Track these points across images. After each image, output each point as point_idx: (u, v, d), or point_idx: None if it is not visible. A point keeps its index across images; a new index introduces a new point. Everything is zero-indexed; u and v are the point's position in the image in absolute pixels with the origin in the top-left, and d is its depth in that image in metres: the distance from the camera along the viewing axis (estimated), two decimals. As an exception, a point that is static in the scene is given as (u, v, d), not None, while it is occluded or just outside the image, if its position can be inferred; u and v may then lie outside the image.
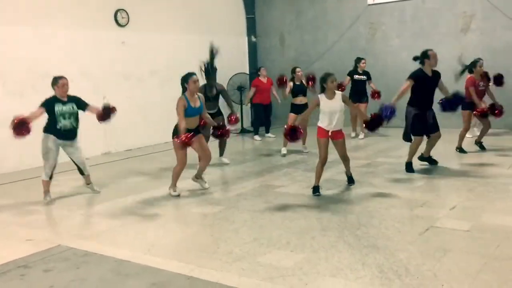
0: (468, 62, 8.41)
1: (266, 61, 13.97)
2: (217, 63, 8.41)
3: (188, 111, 6.20)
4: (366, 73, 10.72)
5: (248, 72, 13.65)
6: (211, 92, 8.12)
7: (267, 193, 6.42)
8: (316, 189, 6.16)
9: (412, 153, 7.14)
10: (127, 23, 10.65)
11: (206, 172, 6.98)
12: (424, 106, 6.93)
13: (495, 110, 8.05)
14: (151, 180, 7.63)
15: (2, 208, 6.28)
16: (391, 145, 9.65)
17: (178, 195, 6.38)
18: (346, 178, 6.63)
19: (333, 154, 8.71)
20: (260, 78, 11.45)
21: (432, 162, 7.40)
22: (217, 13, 13.03)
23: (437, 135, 7.09)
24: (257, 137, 11.48)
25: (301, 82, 9.16)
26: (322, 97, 6.02)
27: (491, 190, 6.06)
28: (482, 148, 8.47)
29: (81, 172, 6.68)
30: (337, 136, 6.13)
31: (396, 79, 11.78)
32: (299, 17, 13.67)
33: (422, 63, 6.88)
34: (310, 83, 9.00)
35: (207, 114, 6.74)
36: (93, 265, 4.24)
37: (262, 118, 11.68)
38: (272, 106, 11.66)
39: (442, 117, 7.40)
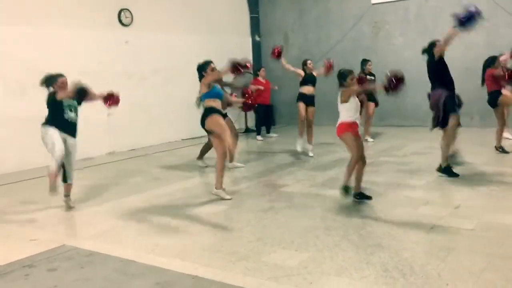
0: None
1: (270, 61, 13.94)
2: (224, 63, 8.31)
3: (213, 91, 6.14)
4: (372, 74, 10.66)
5: (252, 72, 13.64)
6: None
7: (270, 192, 6.43)
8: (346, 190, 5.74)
9: (450, 144, 6.67)
10: (131, 23, 10.68)
11: (210, 171, 6.97)
12: (452, 86, 6.68)
13: None
14: (154, 180, 7.65)
15: (5, 208, 6.31)
16: (394, 144, 9.64)
17: (231, 198, 6.10)
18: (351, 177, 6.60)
19: (338, 153, 8.75)
20: (259, 78, 11.46)
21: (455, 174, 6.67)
22: (221, 13, 13.05)
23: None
24: (259, 137, 11.50)
25: (311, 73, 9.16)
26: None
27: (494, 188, 6.05)
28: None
29: (65, 178, 6.04)
30: (357, 133, 5.75)
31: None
32: (303, 16, 13.66)
33: (430, 53, 6.78)
34: (328, 69, 8.79)
35: (230, 97, 6.83)
36: (98, 265, 4.25)
37: (262, 118, 11.71)
38: (273, 106, 11.70)
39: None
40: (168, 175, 7.99)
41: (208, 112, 6.08)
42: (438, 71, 6.68)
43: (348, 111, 5.68)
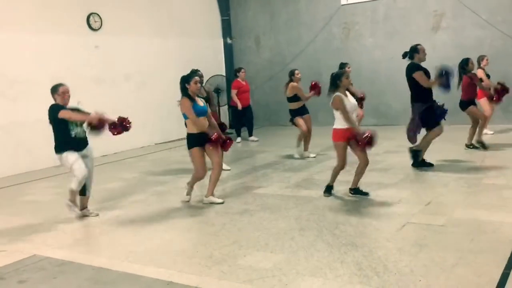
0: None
1: (241, 62, 13.98)
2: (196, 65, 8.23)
3: (195, 110, 5.81)
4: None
5: (224, 74, 13.64)
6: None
7: (246, 195, 6.42)
8: (328, 190, 6.06)
9: (427, 145, 7.05)
10: (100, 27, 10.54)
11: (183, 175, 6.92)
12: (430, 97, 6.86)
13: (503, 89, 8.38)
14: (127, 186, 7.55)
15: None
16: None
17: (222, 202, 6.02)
18: (325, 178, 6.66)
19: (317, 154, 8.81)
20: (239, 79, 11.35)
21: (428, 165, 7.17)
22: (192, 16, 13.01)
23: (439, 129, 6.95)
24: (238, 139, 11.34)
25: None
26: (342, 96, 5.69)
27: (463, 185, 6.18)
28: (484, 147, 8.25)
29: (83, 191, 5.79)
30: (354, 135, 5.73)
31: (371, 78, 11.98)
32: (273, 18, 13.73)
33: (411, 57, 6.90)
34: (314, 90, 8.52)
35: (213, 120, 6.21)
36: (70, 274, 4.18)
37: (242, 120, 11.55)
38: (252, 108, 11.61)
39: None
40: (140, 180, 7.91)
41: (189, 140, 5.88)
42: (415, 85, 6.82)
43: (341, 118, 5.68)
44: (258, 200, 6.10)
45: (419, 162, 7.13)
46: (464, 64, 8.17)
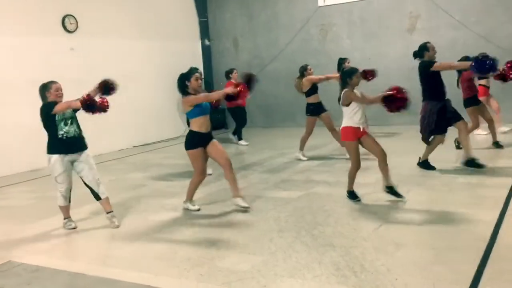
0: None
1: (220, 65, 13.97)
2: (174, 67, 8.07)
3: (198, 108, 5.47)
4: None
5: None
6: None
7: (224, 197, 6.40)
8: (352, 195, 5.76)
9: (431, 150, 6.96)
10: (76, 29, 10.41)
11: (159, 178, 6.86)
12: (443, 96, 6.80)
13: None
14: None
15: None
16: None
17: (199, 209, 5.80)
18: (303, 179, 6.69)
19: (290, 155, 8.84)
20: (232, 81, 11.14)
21: (431, 167, 7.03)
22: (170, 17, 12.95)
23: (461, 123, 6.86)
24: (242, 142, 10.93)
25: None
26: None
27: (439, 183, 6.28)
28: (499, 146, 8.22)
29: (95, 196, 5.52)
30: (365, 132, 5.54)
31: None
32: (251, 20, 13.75)
33: (422, 56, 6.81)
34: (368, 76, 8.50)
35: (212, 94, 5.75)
36: (46, 280, 4.11)
37: (241, 121, 11.15)
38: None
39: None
40: (117, 184, 7.83)
41: (190, 139, 5.56)
42: (430, 79, 6.73)
43: (352, 114, 5.45)
44: (237, 202, 6.08)
45: (423, 163, 7.09)
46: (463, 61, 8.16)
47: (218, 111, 11.29)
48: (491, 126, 8.25)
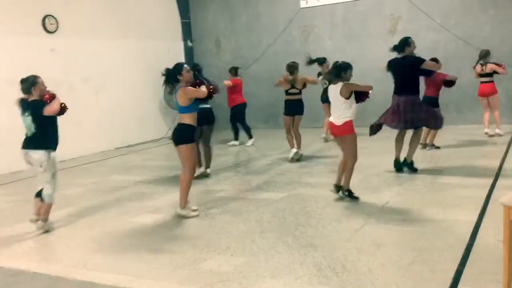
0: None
1: (202, 65, 13.89)
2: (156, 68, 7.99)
3: (195, 102, 5.43)
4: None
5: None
6: None
7: (207, 198, 6.39)
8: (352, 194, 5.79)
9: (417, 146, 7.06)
10: (56, 29, 10.29)
11: (150, 180, 6.79)
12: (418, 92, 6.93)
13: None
14: (85, 192, 7.38)
15: None
16: (326, 145, 9.86)
17: (196, 210, 5.63)
18: (286, 180, 6.69)
19: (271, 156, 8.86)
20: (239, 78, 10.90)
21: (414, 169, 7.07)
22: (152, 18, 12.88)
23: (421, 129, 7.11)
24: (249, 142, 10.75)
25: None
26: None
27: (419, 184, 6.35)
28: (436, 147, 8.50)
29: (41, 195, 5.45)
30: None
31: (330, 80, 12.09)
32: (234, 21, 13.75)
33: (402, 50, 6.87)
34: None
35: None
36: (25, 284, 4.05)
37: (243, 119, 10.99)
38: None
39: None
40: (99, 186, 7.75)
41: (184, 133, 5.45)
42: (416, 78, 6.84)
43: (352, 107, 5.54)
44: (219, 204, 6.07)
45: (406, 164, 7.12)
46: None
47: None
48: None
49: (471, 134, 9.67)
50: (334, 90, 5.68)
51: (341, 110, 5.63)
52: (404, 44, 6.89)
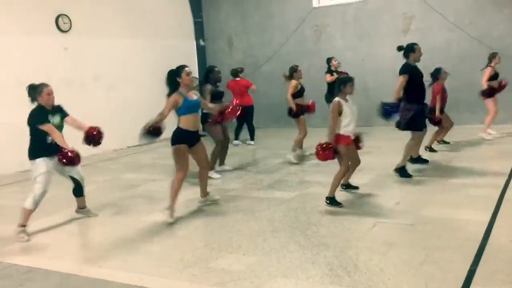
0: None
1: (214, 65, 13.93)
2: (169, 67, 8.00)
3: (186, 106, 5.41)
4: (338, 72, 10.27)
5: (197, 76, 13.56)
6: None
7: (219, 197, 6.39)
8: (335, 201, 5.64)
9: (410, 152, 6.94)
10: (70, 29, 10.38)
11: (161, 179, 6.84)
12: (422, 99, 6.83)
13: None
14: (96, 190, 7.42)
15: None
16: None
17: (172, 223, 5.39)
18: (297, 179, 6.66)
19: (284, 156, 8.85)
20: (238, 79, 10.83)
21: (424, 161, 7.34)
22: (164, 17, 12.93)
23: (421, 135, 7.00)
24: (235, 142, 10.74)
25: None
26: (342, 101, 5.52)
27: (431, 183, 6.30)
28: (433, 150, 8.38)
29: (79, 191, 5.74)
30: (351, 141, 5.65)
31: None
32: (246, 20, 13.76)
33: (406, 57, 6.77)
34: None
35: (209, 104, 5.88)
36: (38, 282, 4.09)
37: (244, 122, 10.87)
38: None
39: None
40: (112, 184, 7.81)
41: (177, 135, 5.49)
42: (410, 83, 6.68)
43: (343, 124, 5.51)
44: (231, 202, 6.08)
45: (415, 159, 7.20)
46: (437, 74, 8.24)
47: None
48: (439, 133, 8.44)
49: (489, 134, 9.57)
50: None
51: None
52: (409, 50, 6.77)
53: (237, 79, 10.84)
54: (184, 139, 5.50)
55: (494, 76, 8.99)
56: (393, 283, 3.54)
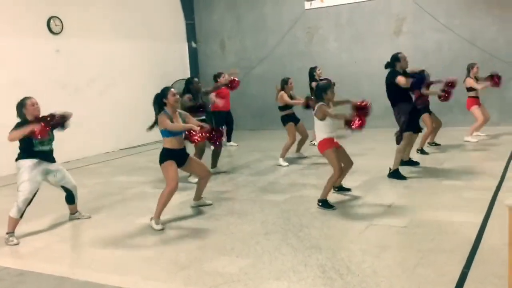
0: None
1: (207, 67, 13.95)
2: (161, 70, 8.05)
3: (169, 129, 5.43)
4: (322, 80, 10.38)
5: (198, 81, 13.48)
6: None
7: (212, 199, 6.38)
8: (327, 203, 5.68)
9: (403, 153, 6.99)
10: (61, 31, 10.33)
11: (154, 181, 6.81)
12: (410, 99, 6.99)
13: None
14: (90, 192, 7.40)
15: None
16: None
17: (162, 229, 5.32)
18: (290, 181, 6.68)
19: (276, 159, 8.87)
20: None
21: (415, 163, 7.41)
22: (156, 20, 12.91)
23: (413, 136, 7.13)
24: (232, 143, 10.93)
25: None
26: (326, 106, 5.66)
27: (425, 186, 6.33)
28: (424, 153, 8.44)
29: (71, 200, 5.78)
30: (337, 143, 5.78)
31: (336, 81, 12.07)
32: (239, 22, 13.76)
33: (393, 66, 6.88)
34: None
35: (193, 119, 5.82)
36: (30, 285, 4.06)
37: (221, 125, 10.65)
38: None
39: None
40: (104, 187, 7.77)
41: (163, 155, 5.47)
42: (396, 90, 6.80)
43: (326, 127, 5.64)
44: (224, 205, 6.08)
45: (406, 162, 7.25)
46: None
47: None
48: (428, 135, 8.45)
49: (476, 136, 9.62)
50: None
51: (316, 129, 5.74)
52: (395, 59, 6.90)
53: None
54: (170, 156, 5.47)
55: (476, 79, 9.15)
56: (386, 286, 3.55)
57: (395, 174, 6.78)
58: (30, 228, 5.61)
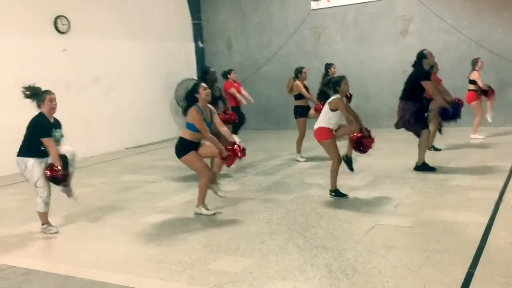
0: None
1: (213, 66, 13.78)
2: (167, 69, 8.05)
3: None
4: None
5: (196, 78, 13.57)
6: None
7: (217, 198, 6.37)
8: (339, 192, 5.97)
9: (425, 149, 7.10)
10: (68, 30, 10.37)
11: (160, 180, 6.83)
12: (420, 99, 7.04)
13: None
14: (96, 192, 7.42)
15: None
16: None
17: (214, 214, 5.64)
18: (296, 181, 6.65)
19: (282, 157, 8.84)
20: (230, 81, 10.91)
21: (431, 169, 7.10)
22: (163, 19, 12.93)
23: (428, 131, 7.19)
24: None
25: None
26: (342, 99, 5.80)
27: (430, 186, 6.30)
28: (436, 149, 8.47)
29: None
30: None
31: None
32: (245, 22, 13.76)
33: (420, 64, 6.85)
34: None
35: (224, 127, 5.89)
36: (35, 283, 4.07)
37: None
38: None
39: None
40: (109, 186, 7.79)
41: (183, 146, 5.51)
42: (415, 87, 6.82)
43: (331, 119, 5.79)
44: (230, 204, 6.07)
45: (421, 166, 7.10)
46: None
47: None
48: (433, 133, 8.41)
49: (482, 136, 9.59)
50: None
51: (322, 116, 5.89)
52: (422, 57, 6.88)
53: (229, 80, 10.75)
54: (189, 148, 5.53)
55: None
56: (392, 286, 3.53)
57: (422, 167, 6.92)
58: (35, 228, 5.63)
